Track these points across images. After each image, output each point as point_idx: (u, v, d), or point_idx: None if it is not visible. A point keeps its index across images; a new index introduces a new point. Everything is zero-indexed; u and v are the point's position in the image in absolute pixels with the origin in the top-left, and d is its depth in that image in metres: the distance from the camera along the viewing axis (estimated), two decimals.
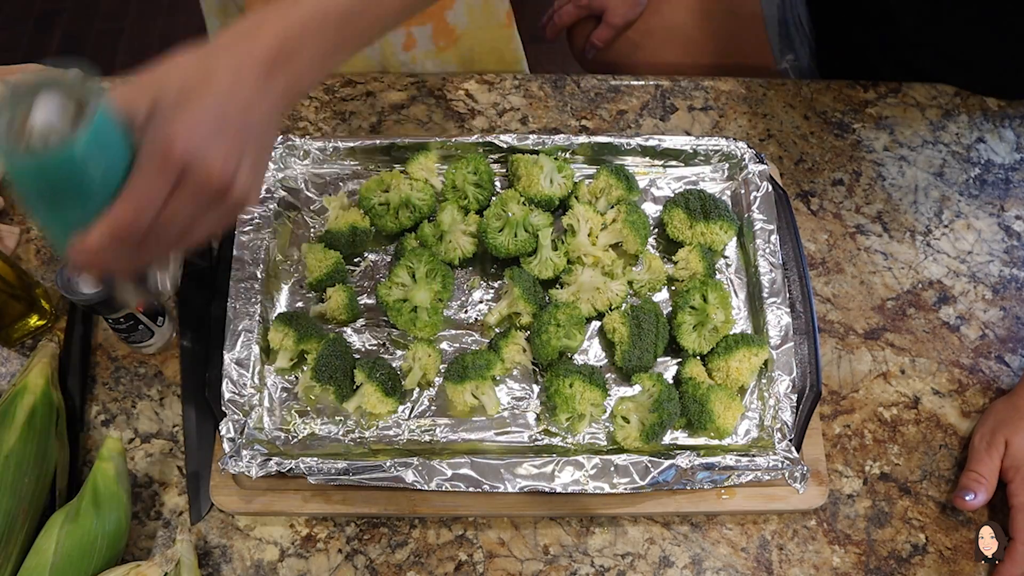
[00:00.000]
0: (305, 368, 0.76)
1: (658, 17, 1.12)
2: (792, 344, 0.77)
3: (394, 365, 0.78)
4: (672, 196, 0.86)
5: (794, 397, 0.75)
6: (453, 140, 0.86)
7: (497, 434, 0.76)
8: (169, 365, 0.81)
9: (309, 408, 0.76)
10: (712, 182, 0.88)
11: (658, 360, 0.79)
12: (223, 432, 0.71)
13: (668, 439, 0.76)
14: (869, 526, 0.75)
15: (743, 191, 0.85)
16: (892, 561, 0.74)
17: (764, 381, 0.77)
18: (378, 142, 0.86)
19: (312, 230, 0.85)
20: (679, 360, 0.80)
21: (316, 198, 0.86)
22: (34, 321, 0.81)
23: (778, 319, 0.78)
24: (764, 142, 0.95)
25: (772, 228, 0.82)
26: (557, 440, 0.75)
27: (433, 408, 0.77)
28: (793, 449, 0.73)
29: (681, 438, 0.76)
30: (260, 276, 0.78)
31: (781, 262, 0.81)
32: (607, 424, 0.76)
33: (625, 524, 0.75)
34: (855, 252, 0.88)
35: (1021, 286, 0.87)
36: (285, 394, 0.77)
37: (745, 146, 0.86)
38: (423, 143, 0.87)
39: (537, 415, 0.77)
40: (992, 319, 0.85)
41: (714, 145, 0.87)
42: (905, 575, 0.73)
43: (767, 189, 0.84)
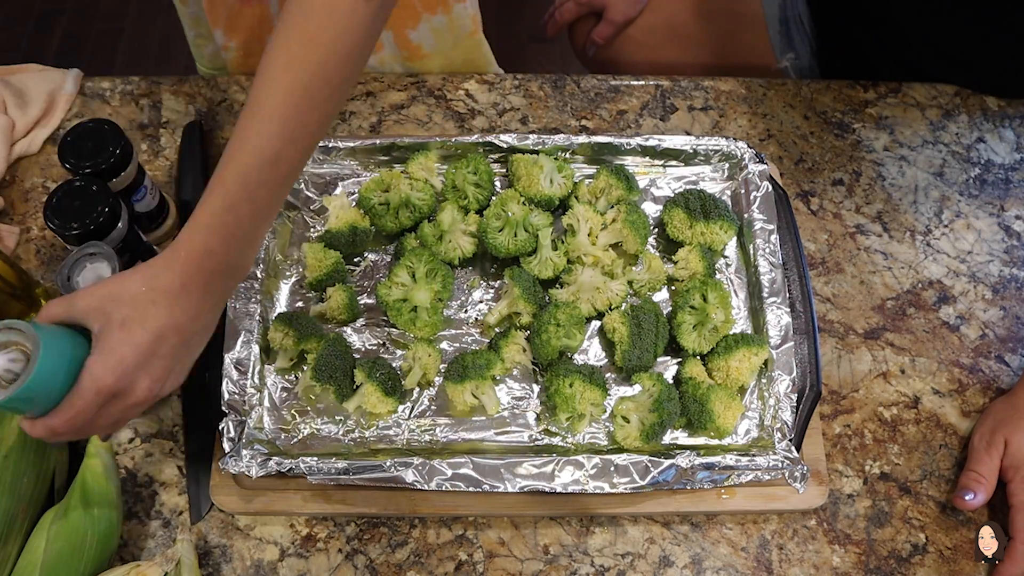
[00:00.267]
0: (305, 368, 0.76)
1: (659, 15, 1.12)
2: (792, 344, 0.77)
3: (394, 365, 0.78)
4: (672, 196, 0.86)
5: (794, 397, 0.75)
6: (453, 140, 0.86)
7: (497, 434, 0.76)
8: None
9: (309, 408, 0.76)
10: (712, 182, 0.89)
11: (658, 360, 0.79)
12: (223, 432, 0.72)
13: (668, 439, 0.76)
14: (869, 526, 0.75)
15: (743, 191, 0.85)
16: (892, 561, 0.74)
17: (764, 381, 0.77)
18: (378, 142, 0.86)
19: (312, 230, 0.85)
20: (679, 360, 0.80)
21: (316, 198, 0.86)
22: None
23: (778, 319, 0.78)
24: (764, 142, 0.95)
25: (772, 228, 0.82)
26: (557, 440, 0.75)
27: (433, 408, 0.77)
28: (793, 449, 0.73)
29: (681, 438, 0.76)
30: (260, 276, 0.78)
31: (781, 262, 0.81)
32: (607, 424, 0.76)
33: (625, 524, 0.75)
34: (855, 252, 0.88)
35: (1021, 286, 0.87)
36: (285, 394, 0.77)
37: (745, 146, 0.86)
38: (423, 143, 0.87)
39: (537, 415, 0.77)
40: (992, 319, 0.85)
41: (714, 145, 0.87)
42: (905, 575, 0.73)
43: (767, 189, 0.84)
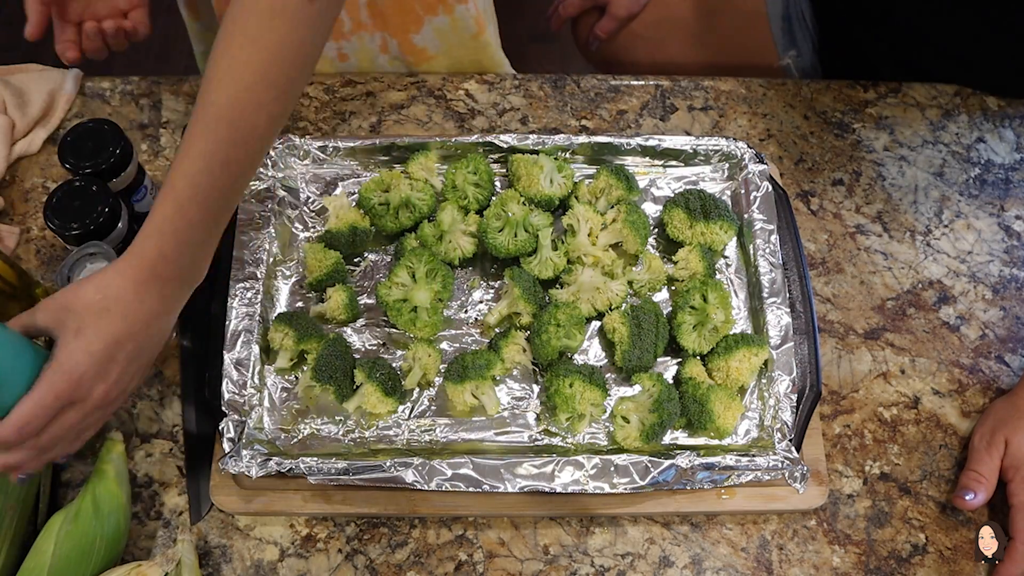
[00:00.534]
0: (305, 368, 0.76)
1: (662, 10, 1.12)
2: (792, 344, 0.77)
3: (394, 365, 0.78)
4: (672, 196, 0.86)
5: (794, 397, 0.75)
6: (453, 140, 0.86)
7: (497, 434, 0.76)
8: (169, 365, 0.81)
9: (309, 408, 0.76)
10: (712, 182, 0.88)
11: (658, 360, 0.79)
12: (223, 432, 0.71)
13: (668, 439, 0.76)
14: (869, 526, 0.75)
15: (743, 191, 0.85)
16: (892, 561, 0.74)
17: (764, 381, 0.77)
18: (378, 142, 0.86)
19: (312, 230, 0.85)
20: (679, 360, 0.80)
21: (316, 198, 0.86)
22: None
23: (778, 319, 0.78)
24: (764, 142, 0.95)
25: (772, 228, 0.82)
26: (557, 440, 0.75)
27: (433, 408, 0.77)
28: (793, 449, 0.73)
29: (681, 438, 0.76)
30: (260, 276, 0.78)
31: (781, 262, 0.81)
32: (607, 424, 0.76)
33: (625, 524, 0.75)
34: (855, 252, 0.88)
35: (1021, 286, 0.87)
36: (285, 394, 0.77)
37: (745, 146, 0.86)
38: (423, 143, 0.87)
39: (537, 415, 0.77)
40: (992, 319, 0.85)
41: (714, 145, 0.87)
42: (905, 575, 0.73)
43: (767, 189, 0.84)
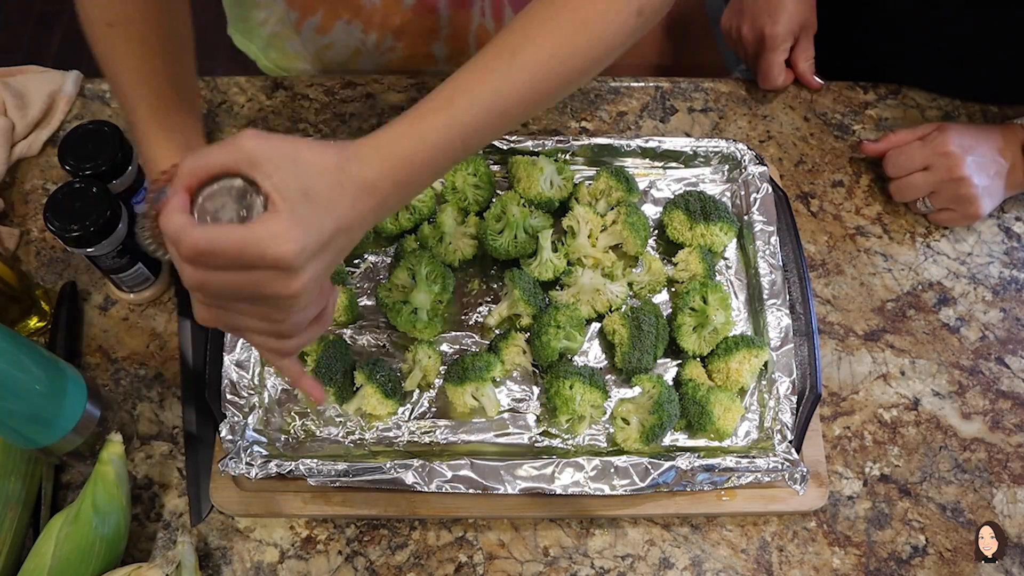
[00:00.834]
0: (305, 370, 0.76)
1: None
2: (792, 346, 0.77)
3: (394, 367, 0.78)
4: (672, 198, 0.86)
5: (794, 399, 0.75)
6: None
7: (497, 436, 0.76)
8: (169, 367, 0.81)
9: (309, 410, 0.76)
10: (712, 184, 0.89)
11: (658, 362, 0.79)
12: (223, 434, 0.72)
13: (668, 440, 0.76)
14: (869, 527, 0.75)
15: (743, 192, 0.85)
16: (892, 562, 0.74)
17: (764, 383, 0.77)
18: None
19: None
20: (679, 362, 0.80)
21: None
22: (34, 323, 0.81)
23: (778, 321, 0.78)
24: (764, 144, 0.95)
25: (772, 230, 0.82)
26: (557, 442, 0.75)
27: (433, 410, 0.77)
28: (793, 451, 0.73)
29: (681, 439, 0.76)
30: None
31: (781, 264, 0.81)
32: (607, 426, 0.76)
33: (625, 526, 0.75)
34: (855, 254, 0.88)
35: (1021, 287, 0.87)
36: (285, 396, 0.77)
37: (745, 148, 0.86)
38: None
39: (537, 417, 0.77)
40: (992, 320, 0.85)
41: (714, 147, 0.87)
42: None
43: (767, 191, 0.84)
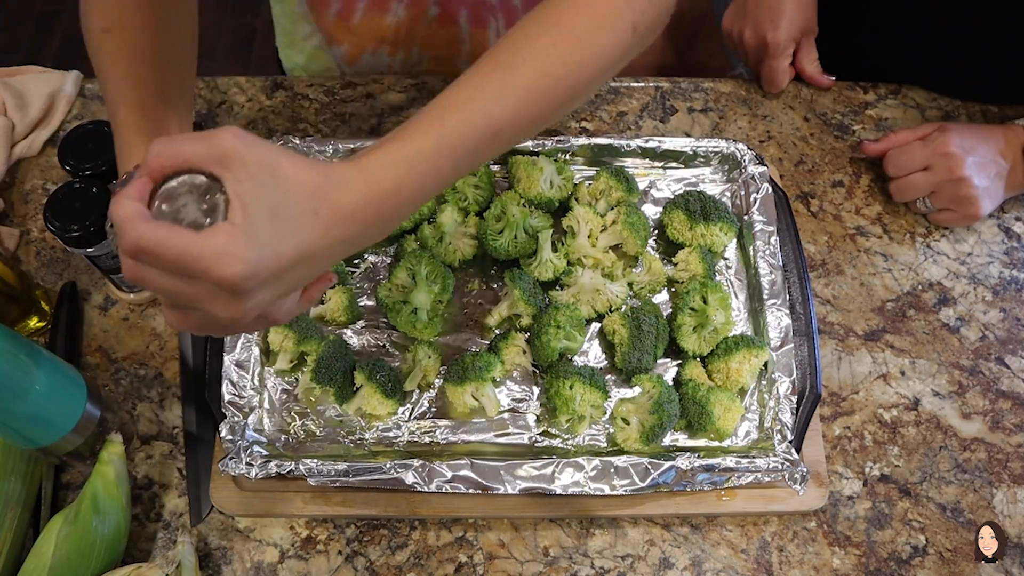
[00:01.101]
0: (305, 370, 0.76)
1: None
2: (792, 346, 0.77)
3: (394, 367, 0.78)
4: (672, 198, 0.86)
5: (794, 399, 0.75)
6: None
7: (497, 436, 0.76)
8: (169, 367, 0.81)
9: (309, 410, 0.76)
10: (712, 184, 0.89)
11: (658, 362, 0.79)
12: (223, 434, 0.71)
13: (668, 440, 0.76)
14: (869, 528, 0.75)
15: (743, 193, 0.85)
16: (892, 563, 0.74)
17: (764, 383, 0.77)
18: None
19: None
20: (679, 362, 0.80)
21: None
22: (34, 323, 0.81)
23: (778, 321, 0.78)
24: (764, 144, 0.95)
25: (772, 230, 0.82)
26: (557, 442, 0.75)
27: (433, 410, 0.77)
28: (793, 451, 0.73)
29: (681, 439, 0.76)
30: None
31: (781, 264, 0.81)
32: (607, 426, 0.76)
33: (625, 526, 0.75)
34: (855, 254, 0.88)
35: (1021, 288, 0.87)
36: (285, 396, 0.77)
37: (745, 148, 0.86)
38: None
39: (537, 417, 0.77)
40: (992, 320, 0.85)
41: (714, 147, 0.87)
42: None
43: (767, 191, 0.84)
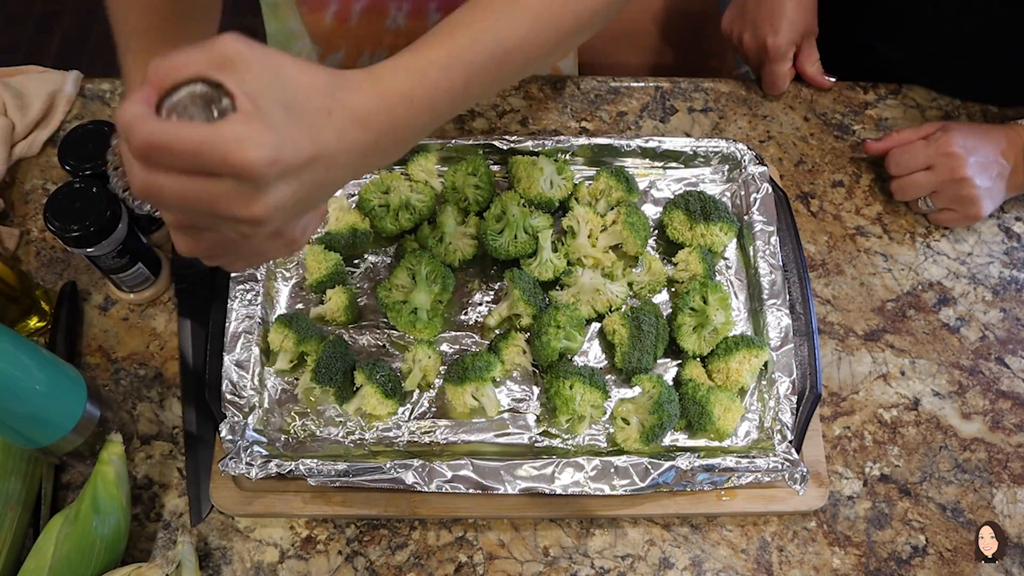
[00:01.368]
0: (305, 370, 0.76)
1: (618, 26, 1.12)
2: (792, 346, 0.77)
3: (394, 367, 0.78)
4: (672, 198, 0.86)
5: (794, 399, 0.75)
6: (453, 142, 0.86)
7: (497, 436, 0.76)
8: (169, 367, 0.81)
9: (309, 410, 0.76)
10: (712, 184, 0.89)
11: (658, 362, 0.79)
12: (223, 434, 0.71)
13: (668, 440, 0.76)
14: (869, 528, 0.75)
15: (743, 193, 0.85)
16: (892, 563, 0.74)
17: (764, 383, 0.77)
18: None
19: None
20: (679, 362, 0.80)
21: None
22: (34, 323, 0.81)
23: (778, 321, 0.78)
24: (764, 144, 0.95)
25: (772, 230, 0.82)
26: (557, 442, 0.75)
27: (433, 410, 0.77)
28: (793, 451, 0.73)
29: (681, 439, 0.76)
30: (260, 278, 0.78)
31: (781, 264, 0.81)
32: (607, 426, 0.76)
33: (625, 526, 0.75)
34: (855, 254, 0.88)
35: (1021, 287, 0.87)
36: (285, 396, 0.77)
37: (745, 148, 0.86)
38: (423, 145, 0.87)
39: (537, 417, 0.77)
40: (992, 320, 0.85)
41: (714, 147, 0.87)
42: None
43: (767, 191, 0.84)
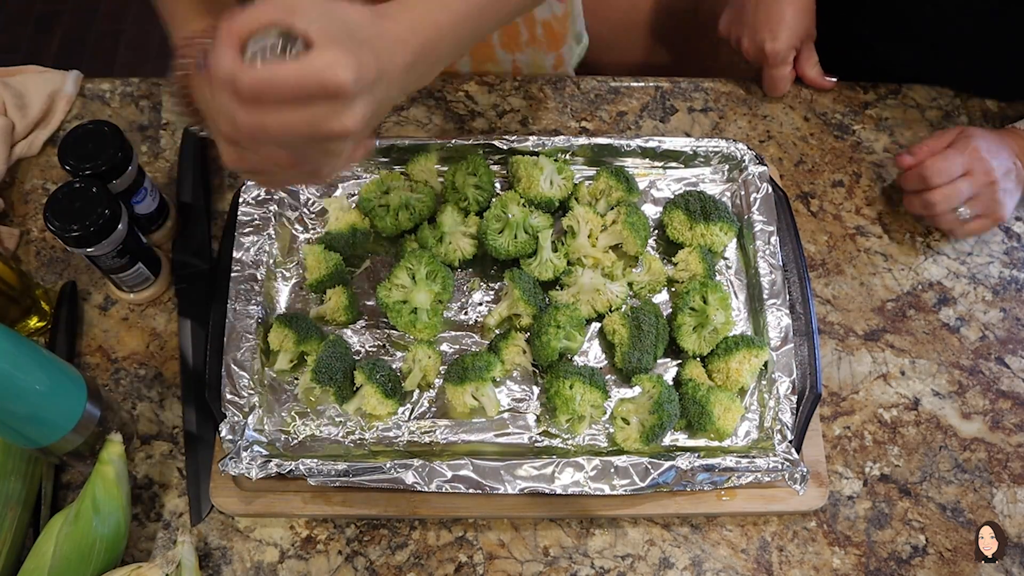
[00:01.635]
0: (305, 370, 0.76)
1: (623, 15, 1.12)
2: (792, 345, 0.77)
3: (394, 367, 0.78)
4: (672, 197, 0.87)
5: (794, 399, 0.75)
6: (453, 142, 0.86)
7: (497, 435, 0.76)
8: (169, 367, 0.81)
9: (309, 410, 0.76)
10: (712, 183, 0.89)
11: (658, 361, 0.79)
12: (223, 433, 0.71)
13: (668, 440, 0.76)
14: (869, 527, 0.75)
15: (743, 192, 0.85)
16: (892, 562, 0.74)
17: (764, 383, 0.77)
18: (378, 143, 0.86)
19: (312, 232, 0.85)
20: (679, 361, 0.80)
21: (316, 199, 0.86)
22: (34, 323, 0.81)
23: (778, 320, 0.78)
24: (764, 143, 0.95)
25: (772, 229, 0.82)
26: (557, 442, 0.75)
27: (433, 410, 0.77)
28: (793, 450, 0.73)
29: (681, 439, 0.76)
30: (260, 277, 0.78)
31: (781, 263, 0.81)
32: (607, 425, 0.76)
33: (625, 525, 0.75)
34: (855, 254, 0.88)
35: (1021, 287, 0.87)
36: (285, 396, 0.77)
37: (745, 147, 0.86)
38: (423, 145, 0.87)
39: (537, 416, 0.77)
40: (992, 320, 0.85)
41: (714, 146, 0.87)
42: None
43: (767, 190, 0.84)
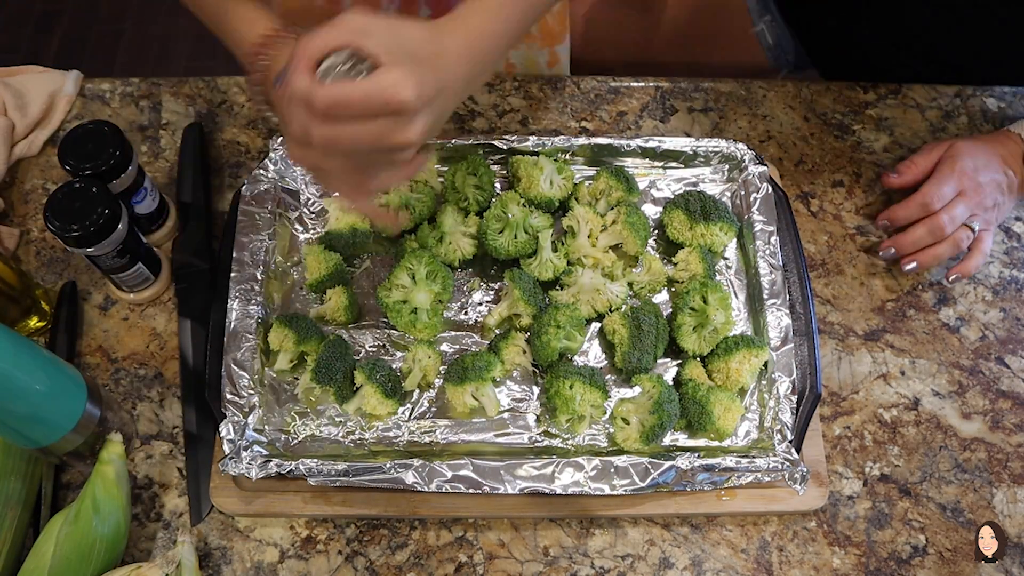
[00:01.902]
0: (305, 370, 0.76)
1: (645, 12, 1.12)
2: (792, 345, 0.77)
3: (394, 366, 0.78)
4: (672, 197, 0.87)
5: (794, 399, 0.75)
6: (453, 141, 0.86)
7: (497, 435, 0.76)
8: (169, 366, 0.81)
9: (309, 410, 0.76)
10: (712, 183, 0.89)
11: (658, 361, 0.79)
12: (223, 433, 0.71)
13: (668, 440, 0.76)
14: (869, 527, 0.75)
15: (743, 192, 0.85)
16: (892, 562, 0.74)
17: (764, 382, 0.77)
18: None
19: (312, 231, 0.85)
20: (679, 361, 0.80)
21: (316, 199, 0.86)
22: (34, 323, 0.81)
23: (778, 320, 0.78)
24: (764, 143, 0.95)
25: (772, 229, 0.82)
26: (557, 442, 0.75)
27: (433, 410, 0.77)
28: (793, 450, 0.73)
29: (681, 439, 0.76)
30: (260, 278, 0.78)
31: (781, 263, 0.81)
32: (607, 425, 0.76)
33: (625, 525, 0.75)
34: (855, 253, 0.88)
35: (1021, 287, 0.87)
36: (285, 396, 0.77)
37: (745, 147, 0.86)
38: (423, 145, 0.86)
39: (537, 416, 0.77)
40: (992, 320, 0.85)
41: (714, 146, 0.87)
42: None
43: (767, 190, 0.84)
